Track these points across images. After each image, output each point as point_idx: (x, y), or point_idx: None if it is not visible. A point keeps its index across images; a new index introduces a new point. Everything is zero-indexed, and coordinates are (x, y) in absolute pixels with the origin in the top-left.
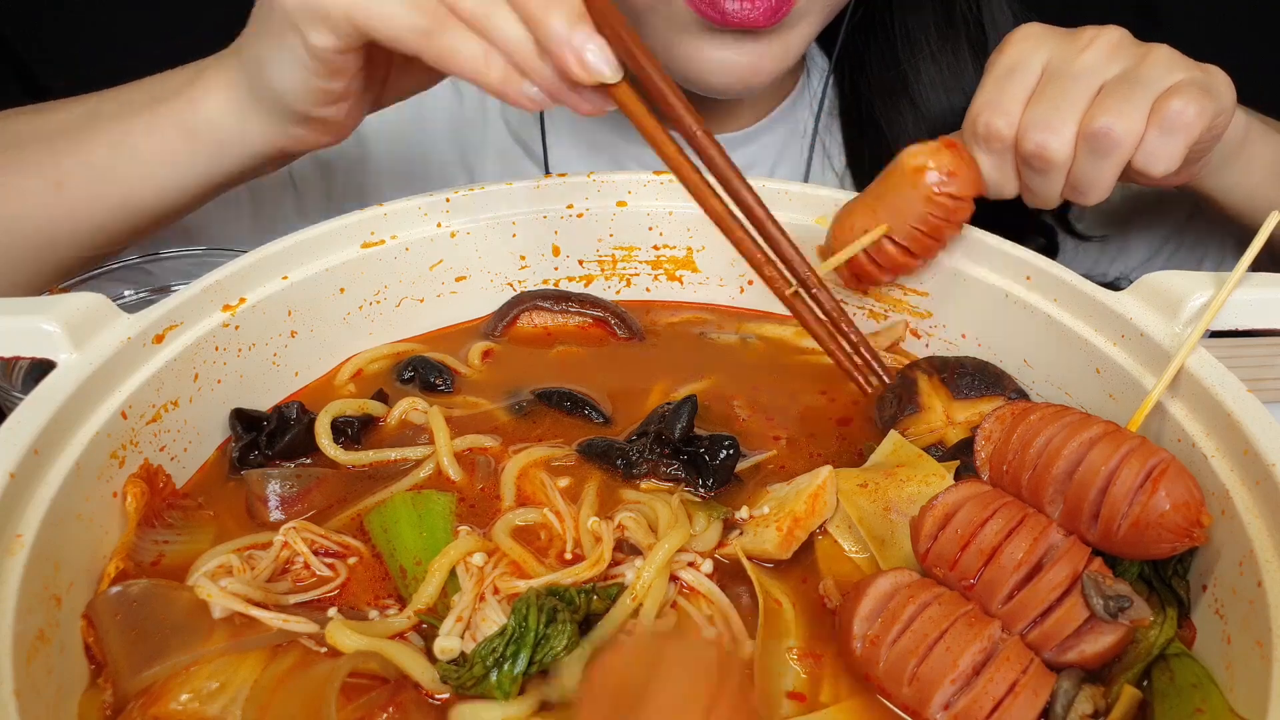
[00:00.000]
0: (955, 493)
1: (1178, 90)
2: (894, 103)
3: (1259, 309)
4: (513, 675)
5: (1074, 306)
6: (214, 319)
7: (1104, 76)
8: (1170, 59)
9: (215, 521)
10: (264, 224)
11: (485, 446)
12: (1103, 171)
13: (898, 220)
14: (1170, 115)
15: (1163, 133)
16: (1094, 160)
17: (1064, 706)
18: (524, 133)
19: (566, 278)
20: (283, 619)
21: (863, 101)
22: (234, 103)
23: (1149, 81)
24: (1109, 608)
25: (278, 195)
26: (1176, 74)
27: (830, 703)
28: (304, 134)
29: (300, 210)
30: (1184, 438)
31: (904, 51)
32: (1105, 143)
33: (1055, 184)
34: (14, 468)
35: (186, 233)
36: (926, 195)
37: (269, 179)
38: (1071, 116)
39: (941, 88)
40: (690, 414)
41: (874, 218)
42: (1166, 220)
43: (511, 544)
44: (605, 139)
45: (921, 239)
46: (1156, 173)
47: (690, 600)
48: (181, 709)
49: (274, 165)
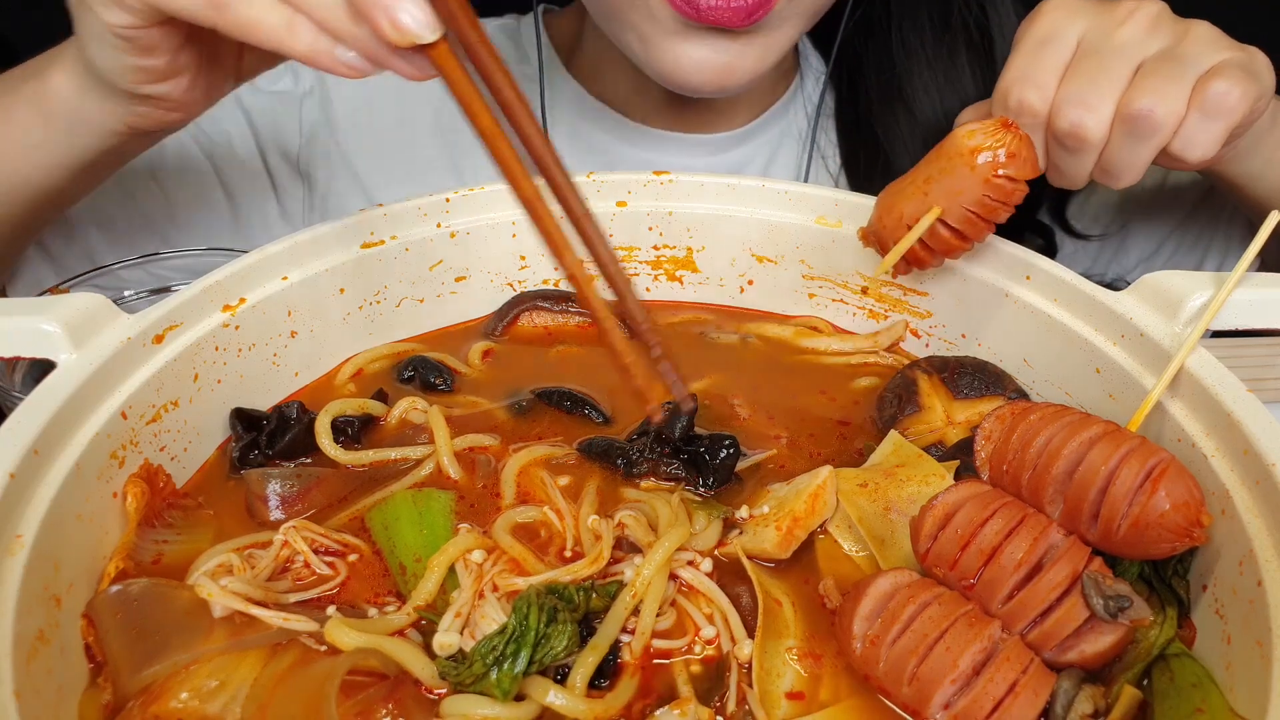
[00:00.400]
0: (955, 493)
1: (1220, 72)
2: (889, 106)
3: (1259, 309)
4: (513, 674)
5: (1074, 306)
6: (214, 319)
7: (1144, 53)
8: (1212, 37)
9: (215, 521)
10: (244, 230)
11: (485, 445)
12: (1138, 154)
13: (951, 203)
14: (1213, 98)
15: (1204, 116)
16: (1130, 142)
17: (1064, 706)
18: None
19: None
20: (283, 617)
21: (859, 104)
22: (76, 80)
23: (1190, 61)
24: (1109, 608)
25: (260, 200)
26: (1218, 54)
27: (830, 702)
28: (149, 111)
29: (284, 215)
30: (1184, 437)
31: (899, 56)
32: (1145, 125)
33: (1086, 164)
34: (14, 468)
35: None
36: (985, 178)
37: (244, 183)
38: (1110, 94)
39: (936, 92)
40: (691, 413)
41: (925, 201)
42: (1166, 219)
43: (511, 541)
44: (601, 140)
45: (975, 222)
46: (1194, 158)
47: (689, 599)
48: (181, 707)
49: (139, 144)
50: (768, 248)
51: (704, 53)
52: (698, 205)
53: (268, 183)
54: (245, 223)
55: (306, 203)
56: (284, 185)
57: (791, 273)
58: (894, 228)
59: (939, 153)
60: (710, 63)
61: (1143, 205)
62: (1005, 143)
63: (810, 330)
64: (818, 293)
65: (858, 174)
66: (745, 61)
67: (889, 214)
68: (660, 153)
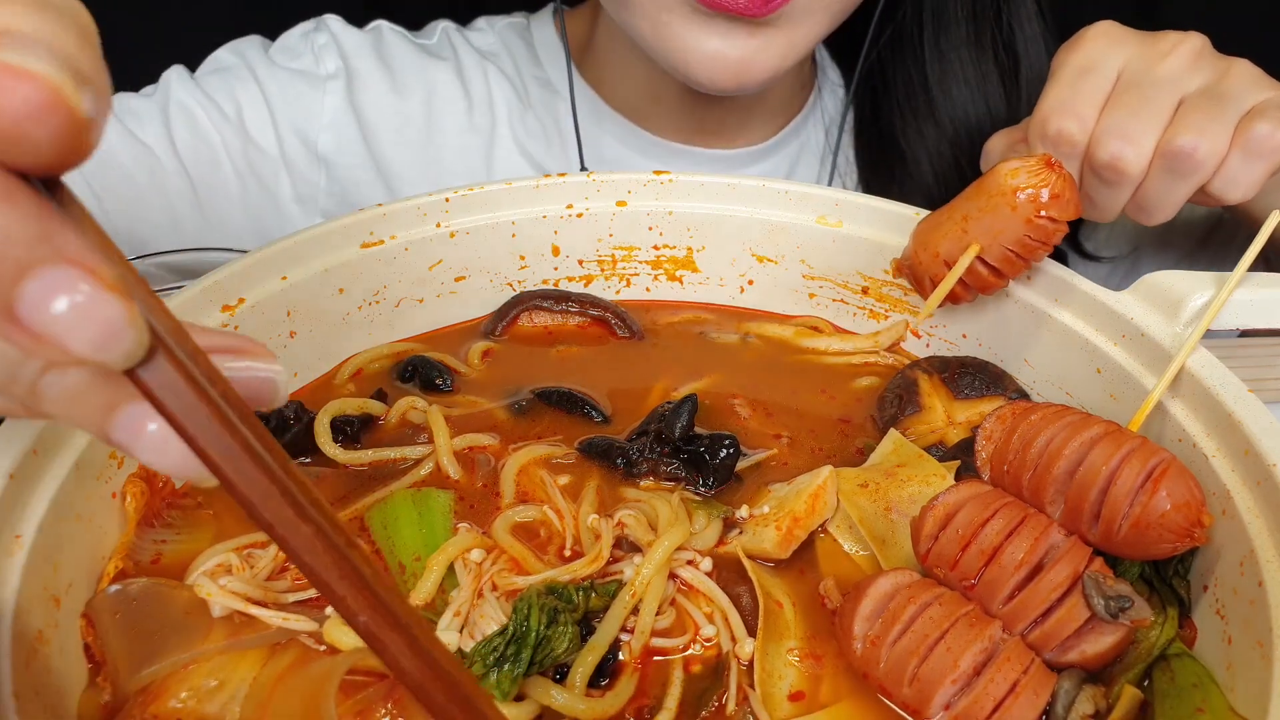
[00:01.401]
0: (956, 493)
1: (1263, 113)
2: (918, 123)
3: (1259, 309)
4: (513, 675)
5: (1075, 306)
6: (213, 319)
7: (1185, 88)
8: (1254, 76)
9: (214, 520)
10: (252, 215)
11: (485, 445)
12: (1176, 191)
13: (991, 241)
14: (1256, 139)
15: (1247, 157)
16: (1169, 179)
17: (1065, 707)
18: (530, 145)
19: (566, 278)
20: (282, 617)
21: (882, 118)
22: None
23: (1233, 99)
24: (1110, 608)
25: (271, 184)
26: (1260, 93)
27: (830, 703)
28: None
29: (298, 199)
30: (1185, 438)
31: (933, 69)
32: (1187, 163)
33: (1122, 198)
34: (14, 468)
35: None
36: (1026, 218)
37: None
38: (1152, 128)
39: (968, 107)
40: (690, 413)
41: (964, 239)
42: (1178, 246)
43: (511, 541)
44: (613, 151)
45: (1014, 260)
46: (1233, 198)
47: (689, 598)
48: (181, 707)
49: None
50: (768, 247)
51: (716, 44)
52: (698, 205)
53: (280, 164)
54: (252, 208)
55: (325, 190)
56: (300, 170)
57: (792, 273)
58: (930, 264)
59: (979, 189)
60: (724, 57)
61: (1156, 230)
62: (1049, 183)
63: (811, 330)
64: (818, 293)
65: (877, 190)
66: (764, 57)
67: (925, 250)
68: (673, 168)
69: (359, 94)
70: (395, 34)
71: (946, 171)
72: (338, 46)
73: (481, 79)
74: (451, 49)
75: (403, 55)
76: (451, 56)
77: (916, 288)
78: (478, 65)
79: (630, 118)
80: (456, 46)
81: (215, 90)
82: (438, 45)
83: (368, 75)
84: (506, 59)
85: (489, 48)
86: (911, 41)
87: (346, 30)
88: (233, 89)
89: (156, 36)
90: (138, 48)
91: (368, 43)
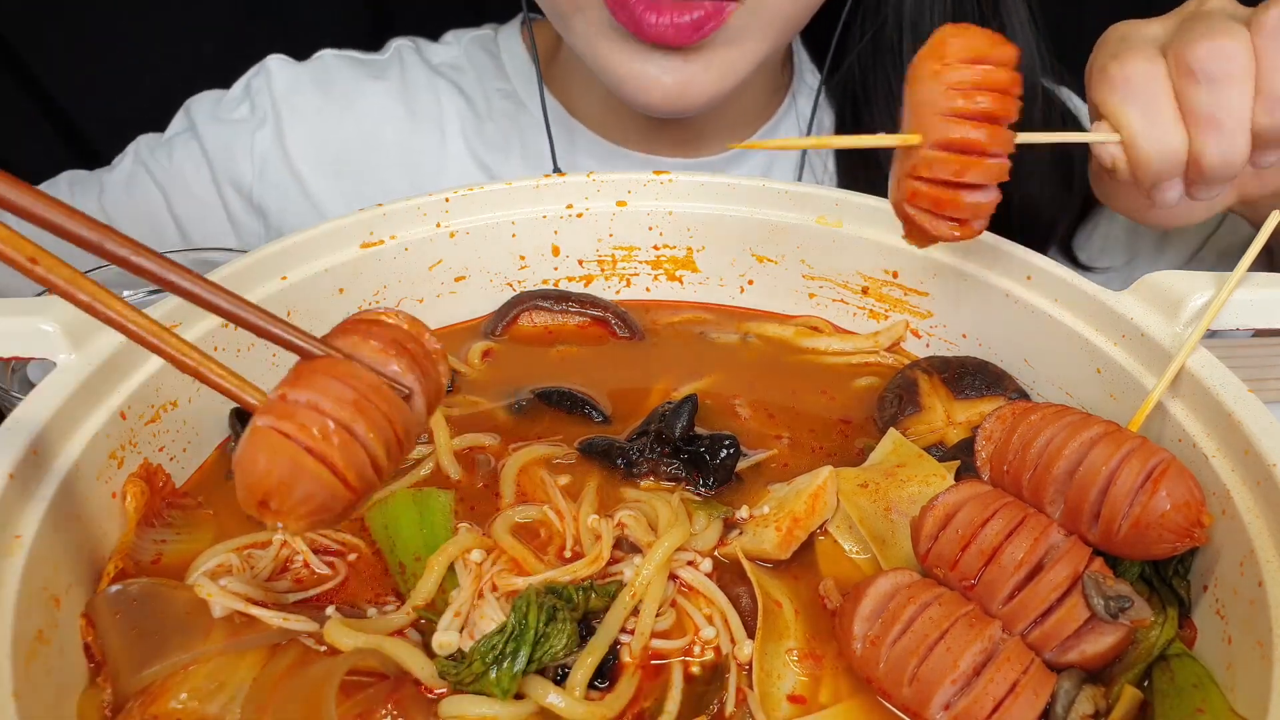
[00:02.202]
0: (956, 493)
1: None
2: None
3: (1259, 309)
4: (512, 673)
5: (1074, 306)
6: (213, 319)
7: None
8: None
9: (215, 520)
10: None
11: (485, 445)
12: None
13: (929, 121)
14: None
15: None
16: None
17: (1064, 707)
18: (488, 157)
19: (566, 278)
20: (282, 617)
21: (862, 123)
22: None
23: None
24: (1109, 608)
25: (216, 238)
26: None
27: (830, 703)
28: None
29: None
30: (1185, 438)
31: None
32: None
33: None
34: (13, 468)
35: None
36: (947, 86)
37: (198, 220)
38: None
39: None
40: (691, 413)
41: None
42: (1172, 257)
43: (511, 541)
44: (580, 163)
45: (961, 161)
46: None
47: (689, 599)
48: (181, 708)
49: None
50: (768, 247)
51: (650, 69)
52: (698, 205)
53: (224, 216)
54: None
55: (264, 238)
56: (240, 220)
57: (792, 273)
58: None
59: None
60: (658, 81)
61: (1151, 240)
62: (969, 43)
63: (811, 330)
64: (818, 293)
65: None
66: (701, 81)
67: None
68: None
69: (289, 133)
70: (340, 59)
71: None
72: (269, 90)
73: (430, 94)
74: (400, 66)
75: (344, 81)
76: (398, 74)
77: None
78: (427, 81)
79: (596, 129)
80: (406, 63)
81: (166, 158)
82: (386, 64)
83: (300, 110)
84: (469, 72)
85: (450, 61)
86: (893, 51)
87: (283, 69)
88: (179, 154)
89: (157, 36)
90: (138, 48)
91: (305, 76)
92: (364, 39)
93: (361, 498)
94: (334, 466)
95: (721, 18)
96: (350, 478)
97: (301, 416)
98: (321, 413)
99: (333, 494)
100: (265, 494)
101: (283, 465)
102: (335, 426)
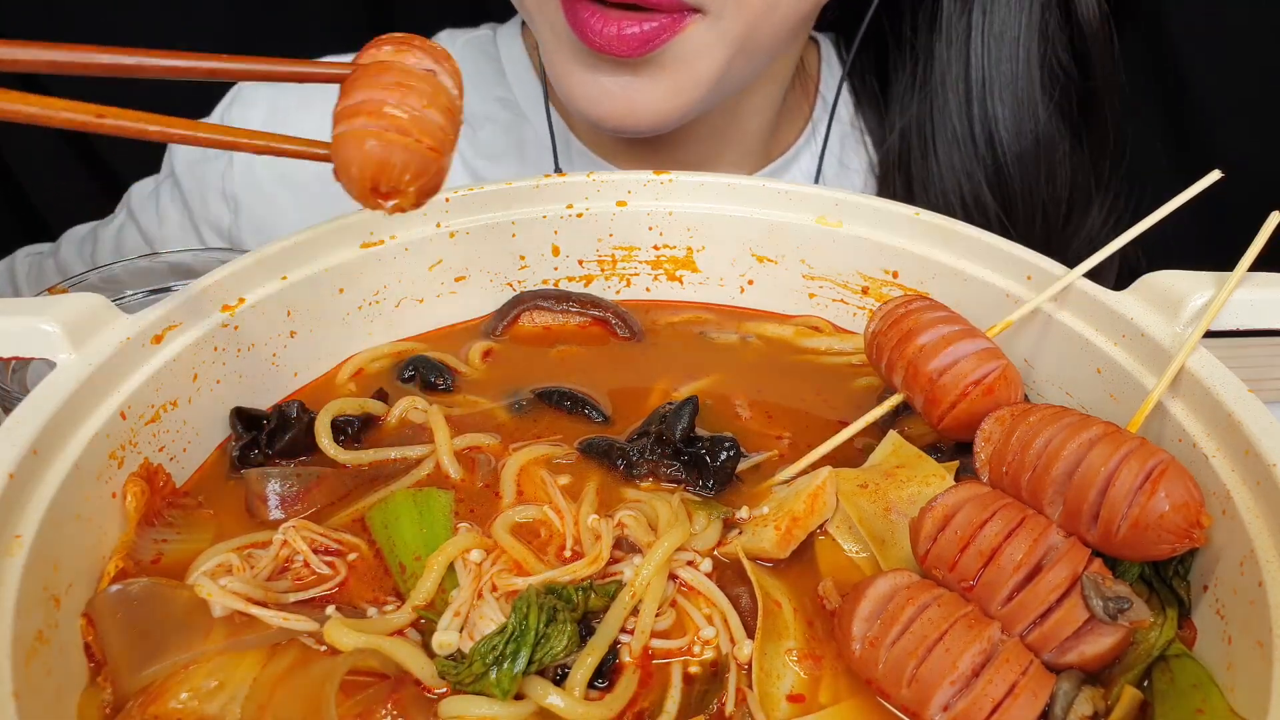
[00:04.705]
0: (955, 494)
1: None
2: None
3: (1259, 309)
4: (512, 674)
5: (1074, 306)
6: (213, 319)
7: None
8: None
9: (215, 520)
10: None
11: (485, 445)
12: None
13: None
14: None
15: None
16: None
17: (1064, 708)
18: (478, 163)
19: (566, 278)
20: (282, 617)
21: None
22: None
23: None
24: (1109, 609)
25: None
26: None
27: (829, 704)
28: None
29: None
30: (1185, 438)
31: (977, 136)
32: None
33: None
34: (13, 468)
35: None
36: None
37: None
38: None
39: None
40: (691, 415)
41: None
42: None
43: (511, 541)
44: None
45: None
46: None
47: (689, 599)
48: (181, 707)
49: None
50: (768, 248)
51: (604, 81)
52: (698, 205)
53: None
54: None
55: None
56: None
57: (792, 273)
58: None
59: None
60: (609, 95)
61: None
62: None
63: (811, 330)
64: (818, 293)
65: None
66: (649, 98)
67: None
68: None
69: (258, 169)
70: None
71: None
72: (245, 123)
73: None
74: None
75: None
76: None
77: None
78: None
79: (592, 148)
80: None
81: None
82: None
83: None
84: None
85: None
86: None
87: (257, 93)
88: (164, 201)
89: (156, 37)
90: (137, 48)
91: (285, 97)
92: (364, 39)
93: (443, 156)
94: (411, 134)
95: (676, 30)
96: (428, 142)
97: (367, 110)
98: (381, 102)
99: (423, 159)
100: (373, 179)
101: (374, 149)
102: (396, 104)
